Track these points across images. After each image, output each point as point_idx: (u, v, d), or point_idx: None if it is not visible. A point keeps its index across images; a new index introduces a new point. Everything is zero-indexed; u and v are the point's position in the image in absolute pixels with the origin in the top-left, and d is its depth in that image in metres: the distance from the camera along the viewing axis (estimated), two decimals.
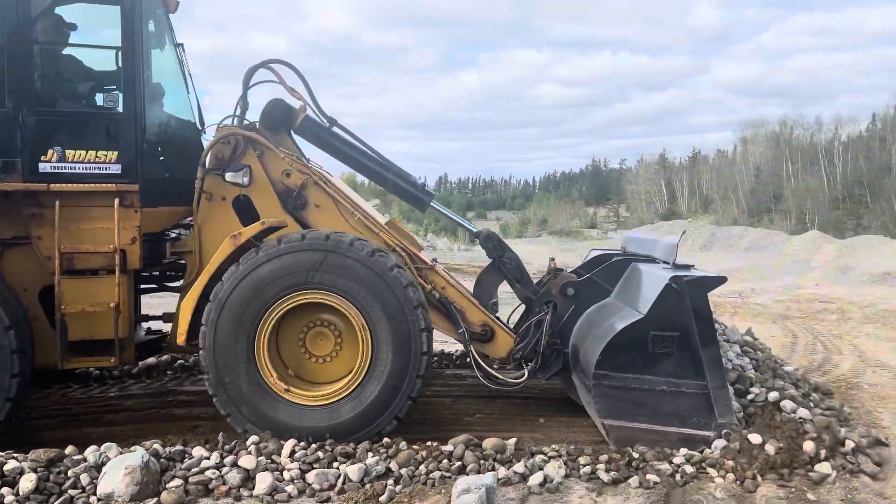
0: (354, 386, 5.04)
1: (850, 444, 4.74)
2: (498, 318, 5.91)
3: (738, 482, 4.39)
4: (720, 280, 5.32)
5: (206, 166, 5.46)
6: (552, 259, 6.44)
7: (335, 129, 5.93)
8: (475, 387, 6.34)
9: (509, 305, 6.45)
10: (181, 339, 5.13)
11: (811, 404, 5.57)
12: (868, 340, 9.51)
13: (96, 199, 5.11)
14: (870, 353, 8.63)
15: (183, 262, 5.70)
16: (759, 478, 4.42)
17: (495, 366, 5.82)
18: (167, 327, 5.90)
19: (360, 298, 4.99)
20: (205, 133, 6.05)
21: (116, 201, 5.04)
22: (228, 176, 5.42)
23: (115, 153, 5.09)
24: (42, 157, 4.95)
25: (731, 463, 4.57)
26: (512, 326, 5.99)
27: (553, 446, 4.85)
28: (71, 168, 5.02)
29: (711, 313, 5.13)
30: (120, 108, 5.18)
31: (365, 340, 5.04)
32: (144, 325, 6.37)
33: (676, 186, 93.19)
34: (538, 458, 4.65)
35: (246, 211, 5.53)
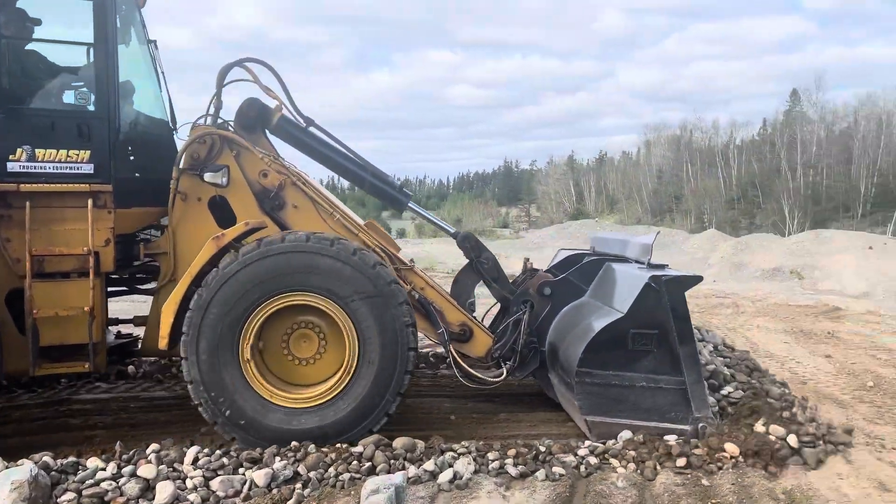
0: (343, 385, 4.97)
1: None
2: (475, 318, 5.95)
3: (638, 471, 4.57)
4: (697, 279, 5.43)
5: (182, 166, 5.33)
6: (527, 259, 6.61)
7: (312, 129, 5.85)
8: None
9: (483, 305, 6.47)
10: (163, 344, 4.89)
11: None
12: (759, 332, 10.10)
13: (68, 199, 4.95)
14: (760, 344, 9.18)
15: (155, 263, 5.56)
16: (658, 467, 4.62)
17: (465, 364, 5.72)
18: (138, 331, 5.76)
19: (348, 302, 4.92)
20: (177, 132, 5.88)
21: (90, 202, 4.90)
22: (207, 176, 5.30)
23: (88, 152, 4.94)
24: (10, 157, 4.79)
25: (632, 453, 4.75)
26: (486, 326, 6.06)
27: (463, 443, 4.89)
28: (41, 168, 4.85)
29: (688, 311, 5.24)
30: (92, 106, 5.02)
31: (351, 340, 4.97)
32: (113, 328, 6.16)
33: (584, 187, 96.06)
34: (448, 455, 4.68)
35: (222, 212, 5.42)
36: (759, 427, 5.04)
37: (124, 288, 5.95)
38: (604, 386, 5.14)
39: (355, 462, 4.56)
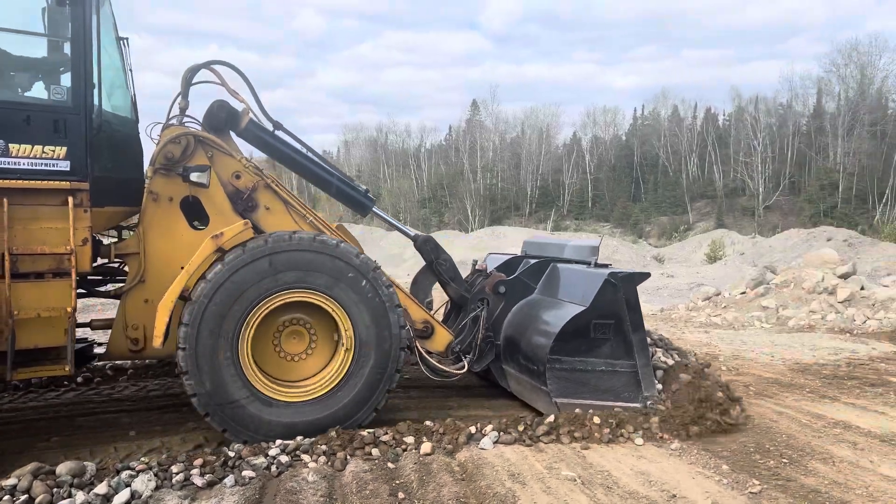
0: (337, 381, 5.23)
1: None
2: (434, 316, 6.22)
3: (329, 464, 4.67)
4: (645, 275, 6.03)
5: (156, 166, 5.23)
6: (475, 261, 7.17)
7: (279, 132, 5.91)
8: None
9: None
10: (157, 342, 4.83)
11: None
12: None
13: (43, 197, 4.74)
14: None
15: (112, 265, 5.45)
16: (348, 457, 4.77)
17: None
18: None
19: (345, 297, 5.20)
20: (149, 133, 5.59)
21: (71, 200, 4.76)
22: (194, 176, 5.22)
23: (62, 149, 4.73)
24: None
25: (324, 447, 4.83)
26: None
27: (143, 458, 4.53)
28: (15, 163, 4.60)
29: (639, 303, 5.79)
30: (69, 101, 4.77)
31: (349, 338, 5.25)
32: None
33: (290, 185, 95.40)
34: (125, 474, 4.28)
35: (194, 212, 5.39)
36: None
37: (82, 290, 5.49)
38: (570, 371, 5.69)
39: (7, 497, 3.94)
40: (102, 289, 5.77)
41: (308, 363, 5.42)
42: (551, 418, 5.46)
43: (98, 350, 5.70)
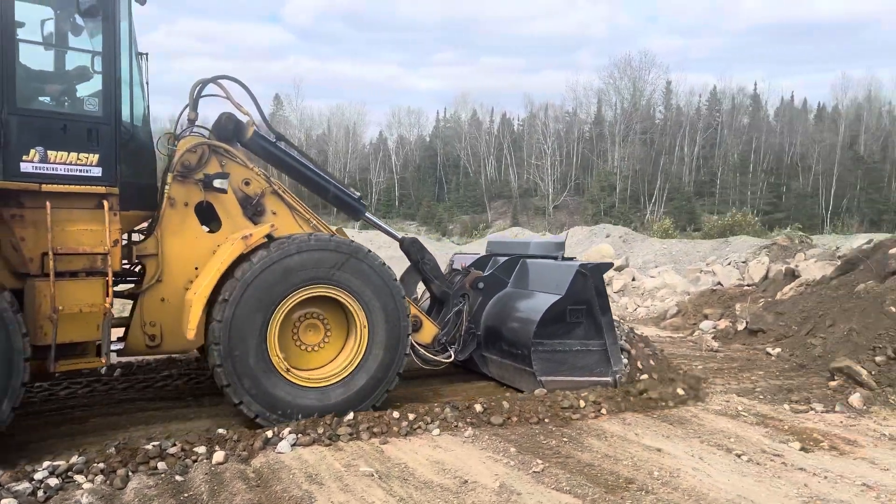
0: (346, 374, 5.75)
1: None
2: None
3: (108, 482, 4.29)
4: (609, 265, 7.26)
5: (174, 173, 5.61)
6: (452, 261, 8.08)
7: (281, 143, 6.38)
8: None
9: None
10: (192, 335, 5.23)
11: None
12: None
13: (78, 200, 5.04)
14: None
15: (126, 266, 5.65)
16: (130, 474, 4.42)
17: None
18: None
19: (367, 300, 5.78)
20: (165, 142, 6.04)
21: (106, 203, 5.09)
22: (217, 183, 5.68)
23: (95, 156, 5.05)
24: (24, 157, 4.79)
25: (101, 465, 4.44)
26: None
27: None
28: (53, 169, 4.89)
29: (605, 289, 6.69)
30: (100, 112, 5.12)
31: (363, 336, 5.80)
32: None
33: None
34: None
35: (205, 217, 5.81)
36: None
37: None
38: (551, 352, 6.42)
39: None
40: (115, 289, 5.67)
41: (324, 352, 5.94)
42: (350, 416, 5.47)
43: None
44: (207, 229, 5.89)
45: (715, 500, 4.26)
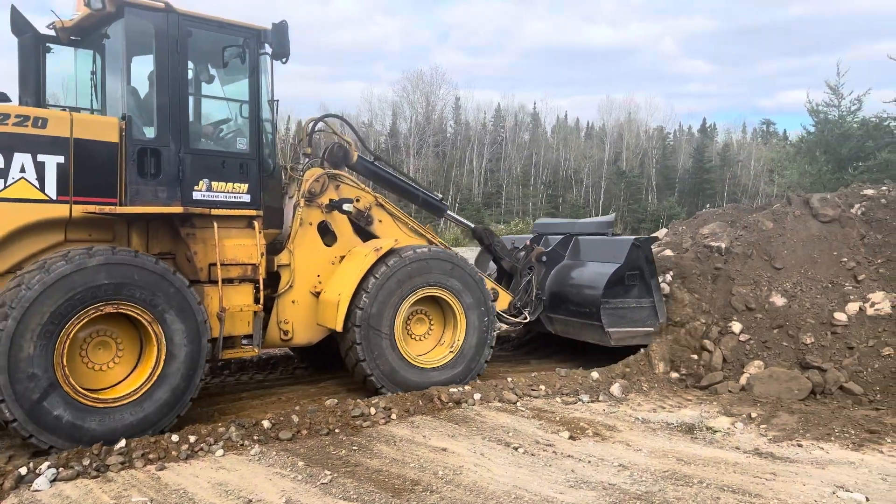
0: (450, 359, 7.31)
1: None
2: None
3: None
4: (656, 239, 9.64)
5: (305, 199, 7.00)
6: (513, 241, 9.66)
7: (378, 162, 8.20)
8: None
9: None
10: (340, 326, 6.68)
11: None
12: None
13: (232, 222, 6.35)
14: None
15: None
16: None
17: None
18: None
19: (465, 300, 7.38)
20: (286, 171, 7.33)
21: (257, 224, 6.49)
22: (346, 206, 7.13)
23: (245, 185, 6.35)
24: (195, 187, 6.05)
25: None
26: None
27: None
28: (214, 196, 6.17)
29: (653, 258, 8.47)
30: (248, 150, 6.45)
31: (461, 323, 7.37)
32: None
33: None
34: None
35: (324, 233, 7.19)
36: None
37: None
38: (615, 308, 8.05)
39: None
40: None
41: (429, 341, 7.49)
42: (122, 443, 5.05)
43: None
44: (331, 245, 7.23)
45: (493, 493, 4.52)
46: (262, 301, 6.39)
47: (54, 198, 5.47)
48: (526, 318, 8.42)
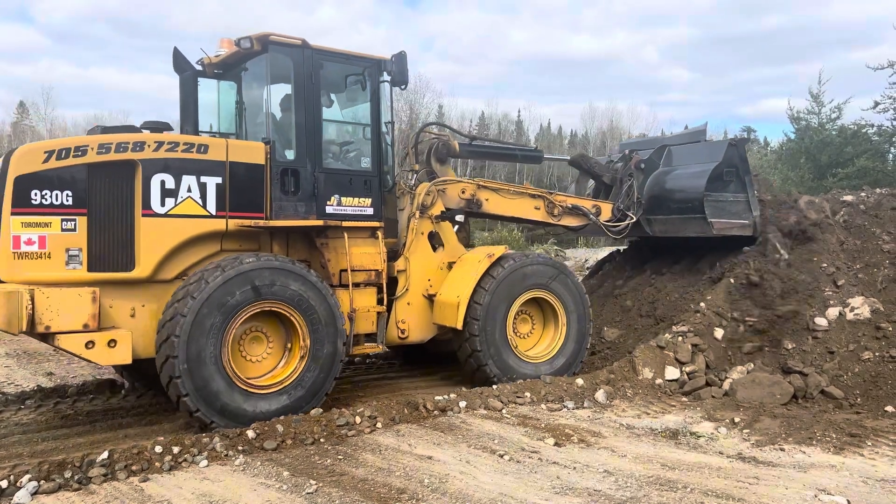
0: (551, 356, 8.18)
1: None
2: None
3: None
4: (748, 140, 13.29)
5: (419, 211, 7.92)
6: (609, 155, 10.99)
7: (475, 142, 9.55)
8: None
9: None
10: (460, 324, 7.54)
11: None
12: None
13: (358, 232, 7.24)
14: None
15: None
16: None
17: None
18: None
19: (567, 305, 8.25)
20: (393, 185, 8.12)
21: (380, 234, 7.39)
22: (459, 218, 8.44)
23: (369, 200, 7.28)
24: (328, 202, 7.00)
25: None
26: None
27: None
28: (344, 210, 7.10)
29: (747, 157, 9.36)
30: (371, 168, 7.39)
31: (563, 324, 8.22)
32: None
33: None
34: None
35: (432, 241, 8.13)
36: None
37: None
38: (716, 202, 8.85)
39: None
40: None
41: (531, 340, 8.34)
42: (105, 455, 5.00)
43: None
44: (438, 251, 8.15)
45: (479, 500, 4.52)
46: (385, 303, 7.34)
47: (214, 213, 6.41)
48: (633, 218, 9.37)
